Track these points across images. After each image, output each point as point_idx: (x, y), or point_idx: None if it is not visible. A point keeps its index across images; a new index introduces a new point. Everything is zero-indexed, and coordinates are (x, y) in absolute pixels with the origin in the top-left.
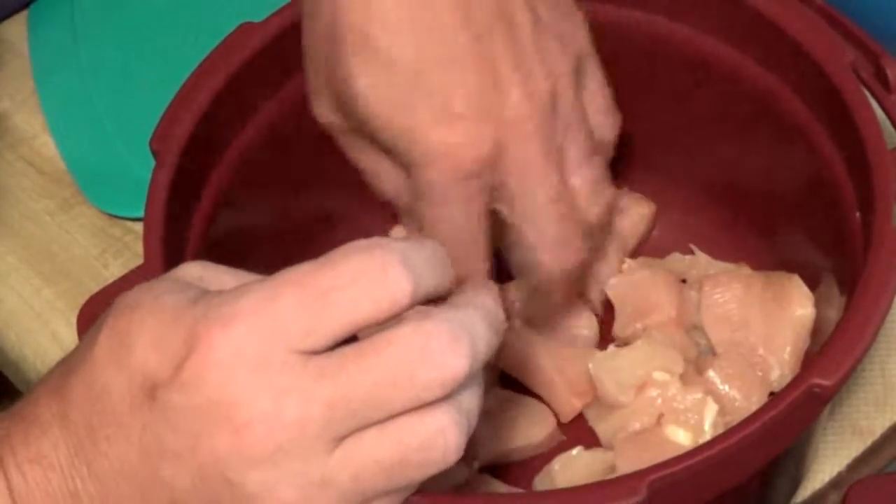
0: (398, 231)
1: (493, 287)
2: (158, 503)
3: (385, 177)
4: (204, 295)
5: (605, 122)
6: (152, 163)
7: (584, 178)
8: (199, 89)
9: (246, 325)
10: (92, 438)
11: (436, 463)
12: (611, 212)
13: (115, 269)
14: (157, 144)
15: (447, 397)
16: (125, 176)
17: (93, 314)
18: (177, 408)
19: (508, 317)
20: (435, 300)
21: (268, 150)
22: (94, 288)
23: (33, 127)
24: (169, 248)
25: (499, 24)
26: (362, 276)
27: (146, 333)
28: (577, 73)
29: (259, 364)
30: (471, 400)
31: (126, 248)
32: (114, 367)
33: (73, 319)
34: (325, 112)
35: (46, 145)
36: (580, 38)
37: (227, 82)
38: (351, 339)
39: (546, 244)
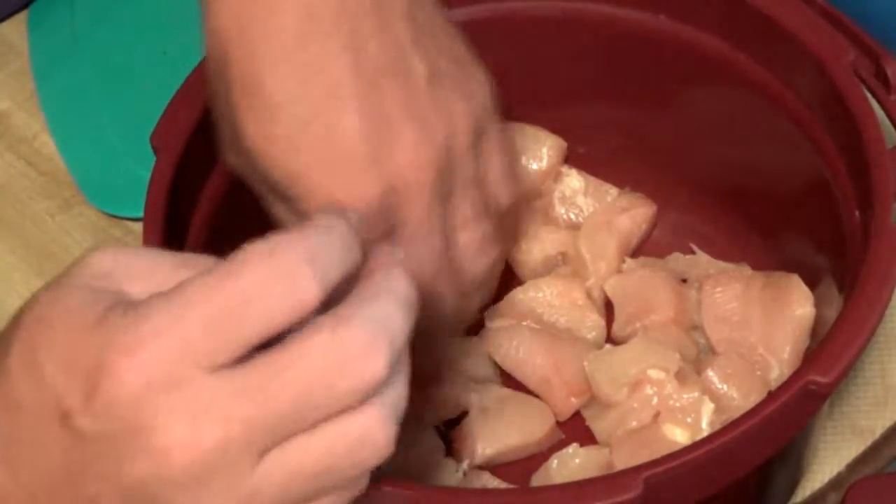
0: None
1: (401, 261)
2: None
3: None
4: (110, 311)
5: (500, 190)
6: (152, 163)
7: (471, 238)
8: (200, 87)
9: (152, 350)
10: (15, 450)
11: (368, 460)
12: (494, 268)
13: None
14: (158, 141)
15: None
16: (125, 176)
17: None
18: (92, 435)
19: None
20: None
21: None
22: None
23: (33, 127)
24: (169, 247)
25: (392, 72)
26: (269, 286)
27: (55, 353)
28: (476, 132)
29: (171, 387)
30: (395, 389)
31: None
32: (27, 382)
33: None
34: (232, 161)
35: (46, 145)
36: (481, 97)
37: None
38: None
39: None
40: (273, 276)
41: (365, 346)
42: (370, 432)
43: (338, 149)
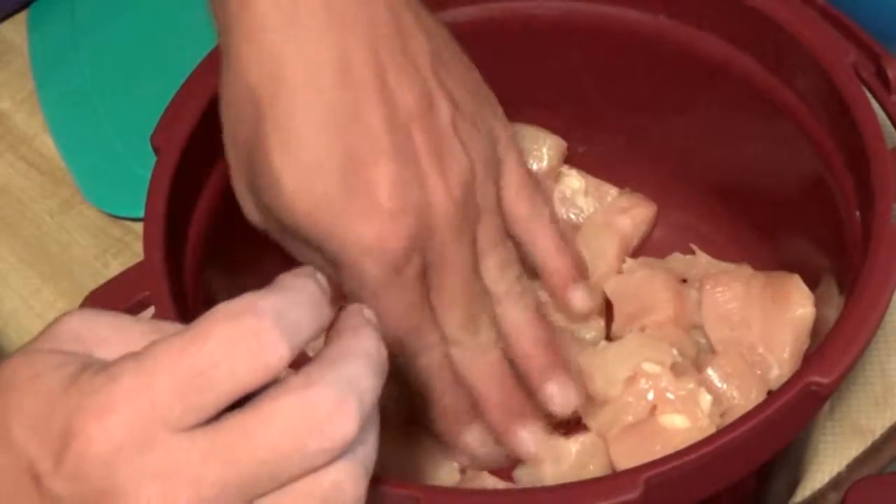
0: None
1: (371, 321)
2: None
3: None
4: (80, 374)
5: (519, 206)
6: (152, 163)
7: (493, 262)
8: (201, 86)
9: (121, 414)
10: None
11: None
12: (524, 293)
13: (115, 269)
14: (159, 141)
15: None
16: (125, 176)
17: None
18: (64, 498)
19: None
20: None
21: None
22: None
23: (33, 127)
24: (169, 247)
25: (420, 115)
26: (235, 348)
27: (25, 418)
28: (491, 158)
29: (141, 450)
30: (366, 447)
31: (126, 248)
32: None
33: None
34: (254, 217)
35: (46, 145)
36: (493, 121)
37: None
38: None
39: (456, 332)
40: (239, 337)
41: (334, 406)
42: (341, 487)
43: (371, 197)
